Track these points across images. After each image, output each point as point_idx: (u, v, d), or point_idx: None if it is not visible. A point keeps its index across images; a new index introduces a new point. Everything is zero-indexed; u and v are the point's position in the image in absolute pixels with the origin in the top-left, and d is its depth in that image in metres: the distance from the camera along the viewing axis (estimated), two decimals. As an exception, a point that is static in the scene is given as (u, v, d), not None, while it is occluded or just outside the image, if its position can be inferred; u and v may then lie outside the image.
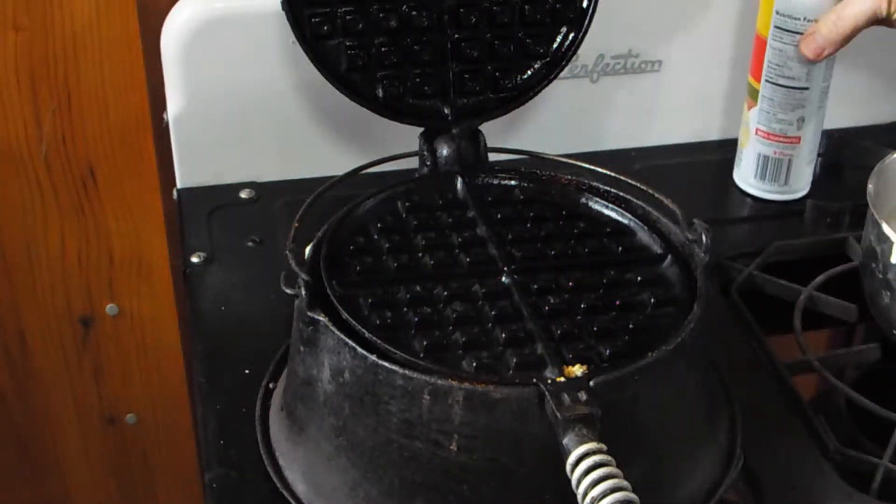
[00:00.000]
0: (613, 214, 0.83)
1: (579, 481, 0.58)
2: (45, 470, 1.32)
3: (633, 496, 0.57)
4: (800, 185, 1.08)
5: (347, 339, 0.67)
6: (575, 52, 0.89)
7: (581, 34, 0.89)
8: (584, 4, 0.88)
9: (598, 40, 0.93)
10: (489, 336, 0.70)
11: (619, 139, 1.14)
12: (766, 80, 1.03)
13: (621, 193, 0.83)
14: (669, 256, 0.79)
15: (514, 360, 0.67)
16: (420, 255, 0.77)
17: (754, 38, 1.03)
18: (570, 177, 0.85)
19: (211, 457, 0.77)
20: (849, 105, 1.18)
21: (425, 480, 0.66)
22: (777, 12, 1.00)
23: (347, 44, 0.85)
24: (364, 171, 0.85)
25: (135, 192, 1.17)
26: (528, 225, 0.81)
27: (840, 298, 0.93)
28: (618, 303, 0.74)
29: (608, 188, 0.84)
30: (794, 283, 0.95)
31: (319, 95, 1.03)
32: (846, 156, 1.14)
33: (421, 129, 0.87)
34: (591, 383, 0.63)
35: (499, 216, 0.81)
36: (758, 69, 1.04)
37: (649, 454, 0.68)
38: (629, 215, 0.82)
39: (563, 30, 0.89)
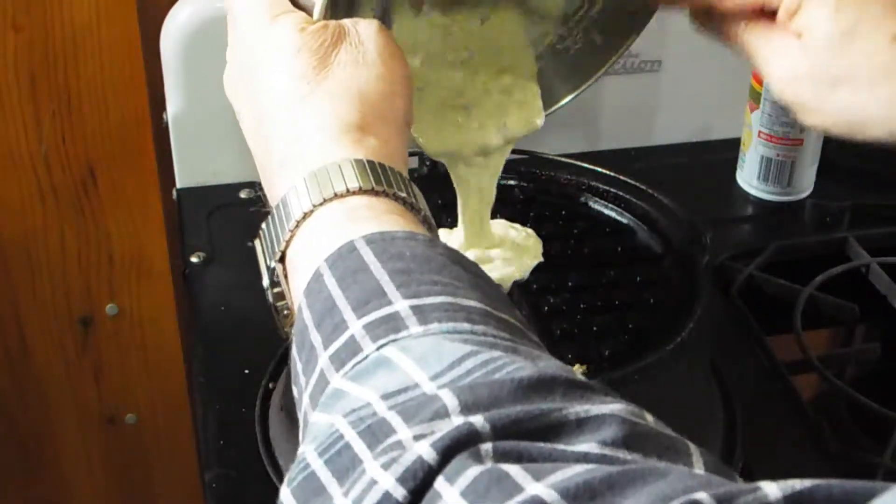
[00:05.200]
0: (613, 214, 0.83)
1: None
2: (45, 470, 1.32)
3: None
4: (803, 186, 1.08)
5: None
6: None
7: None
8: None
9: (598, 40, 0.93)
10: (489, 336, 0.69)
11: (619, 139, 1.14)
12: (768, 82, 1.03)
13: (621, 193, 0.83)
14: (669, 256, 0.79)
15: (514, 360, 0.67)
16: (420, 255, 0.77)
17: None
18: (570, 177, 0.85)
19: (211, 457, 0.77)
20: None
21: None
22: (778, 14, 1.00)
23: (347, 44, 0.85)
24: (364, 171, 0.85)
25: (135, 192, 1.17)
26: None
27: (840, 298, 0.93)
28: (618, 303, 0.74)
29: (608, 188, 0.84)
30: (794, 283, 0.95)
31: (319, 95, 1.03)
32: (846, 156, 1.14)
33: (421, 129, 0.87)
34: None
35: (498, 216, 0.81)
36: (759, 71, 1.04)
37: (649, 454, 0.68)
38: (629, 215, 0.82)
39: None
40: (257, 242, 0.52)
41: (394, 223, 0.47)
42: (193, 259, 0.97)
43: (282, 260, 0.50)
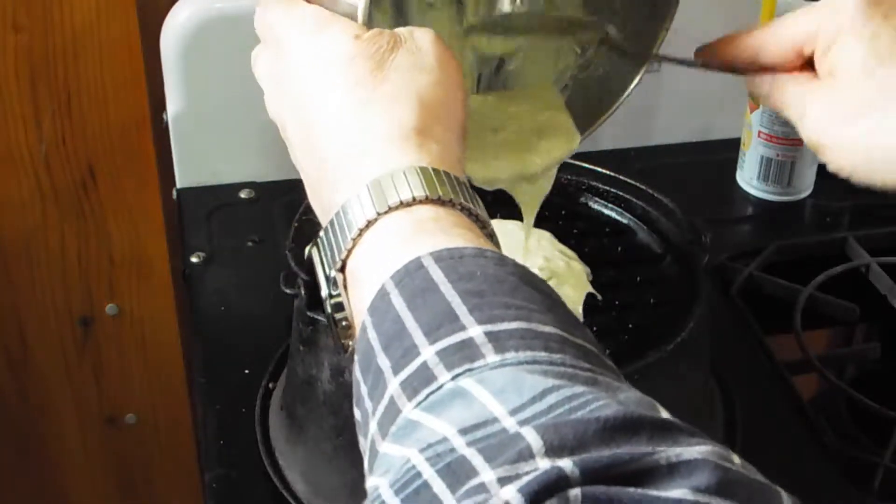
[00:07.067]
0: (613, 214, 0.83)
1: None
2: (45, 469, 1.32)
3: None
4: (803, 185, 1.08)
5: (347, 339, 0.67)
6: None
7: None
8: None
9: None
10: (489, 336, 0.69)
11: (619, 139, 1.14)
12: (767, 81, 1.03)
13: (621, 193, 0.83)
14: (669, 256, 0.79)
15: (514, 360, 0.67)
16: (420, 254, 0.77)
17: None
18: (570, 177, 0.85)
19: (211, 457, 0.77)
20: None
21: (425, 480, 0.66)
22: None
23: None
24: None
25: (135, 192, 1.16)
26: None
27: (840, 298, 0.94)
28: (617, 303, 0.74)
29: (608, 188, 0.84)
30: (794, 283, 0.95)
31: (319, 95, 1.03)
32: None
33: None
34: (591, 383, 0.63)
35: (498, 216, 0.81)
36: (758, 70, 1.04)
37: (649, 454, 0.68)
38: (629, 215, 0.82)
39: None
40: (314, 251, 0.50)
41: (461, 238, 0.46)
42: (193, 259, 0.97)
43: (342, 270, 0.48)
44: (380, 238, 0.47)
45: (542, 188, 0.71)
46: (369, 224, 0.47)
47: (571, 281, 0.74)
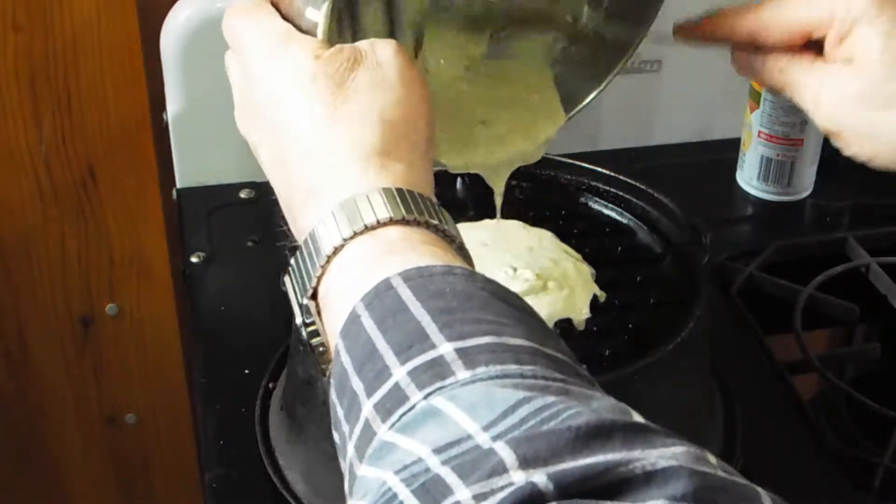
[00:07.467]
0: (613, 214, 0.83)
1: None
2: (45, 469, 1.32)
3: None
4: (803, 185, 1.08)
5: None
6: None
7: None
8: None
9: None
10: (489, 336, 0.69)
11: (619, 139, 1.14)
12: (768, 82, 1.03)
13: (621, 193, 0.83)
14: (669, 256, 0.79)
15: (514, 360, 0.67)
16: (420, 254, 0.77)
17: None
18: (570, 177, 0.85)
19: (211, 457, 0.77)
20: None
21: (425, 480, 0.66)
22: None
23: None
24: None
25: (135, 192, 1.16)
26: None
27: (840, 298, 0.94)
28: (618, 303, 0.74)
29: (608, 188, 0.84)
30: (794, 283, 0.95)
31: (319, 95, 1.03)
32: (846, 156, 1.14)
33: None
34: (591, 383, 0.63)
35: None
36: (759, 70, 1.04)
37: (649, 454, 0.68)
38: (629, 215, 0.82)
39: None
40: (287, 279, 0.50)
41: (430, 255, 0.46)
42: (193, 259, 0.97)
43: (314, 296, 0.48)
44: (348, 263, 0.47)
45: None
46: (336, 250, 0.47)
47: (580, 282, 0.74)
